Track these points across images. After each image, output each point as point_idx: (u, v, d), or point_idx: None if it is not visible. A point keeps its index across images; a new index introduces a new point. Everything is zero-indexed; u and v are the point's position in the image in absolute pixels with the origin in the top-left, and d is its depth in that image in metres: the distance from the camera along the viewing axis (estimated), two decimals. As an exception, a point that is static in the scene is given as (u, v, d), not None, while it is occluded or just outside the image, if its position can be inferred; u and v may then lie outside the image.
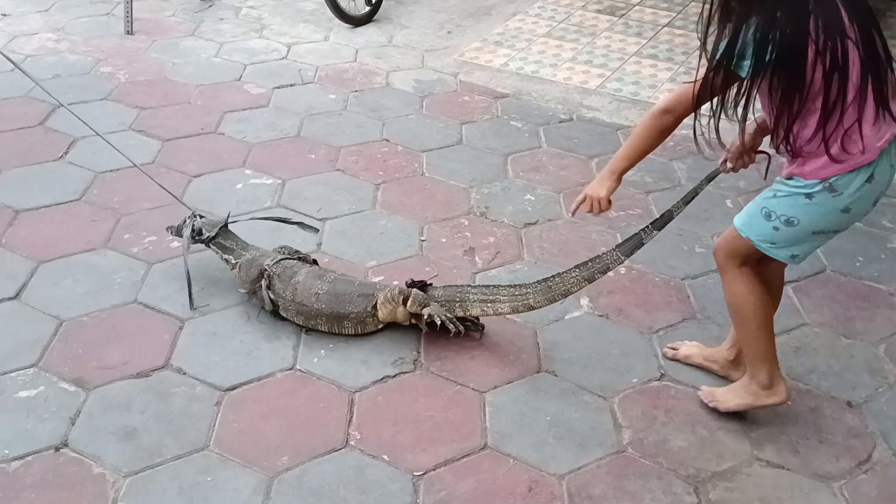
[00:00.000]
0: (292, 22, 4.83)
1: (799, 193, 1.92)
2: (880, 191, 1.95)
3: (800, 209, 1.94)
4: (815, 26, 1.72)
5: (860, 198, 1.91)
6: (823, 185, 1.88)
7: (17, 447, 2.11)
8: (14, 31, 4.54)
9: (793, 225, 1.96)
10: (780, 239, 1.99)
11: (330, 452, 2.14)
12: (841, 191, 1.88)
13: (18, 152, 3.38)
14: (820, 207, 1.92)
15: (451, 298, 2.47)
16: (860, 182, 1.88)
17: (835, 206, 1.92)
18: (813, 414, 2.32)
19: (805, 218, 1.94)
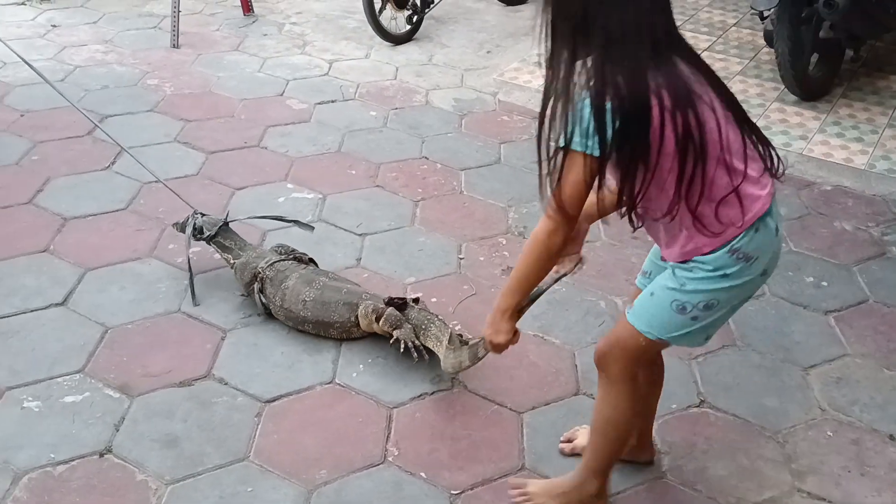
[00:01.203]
0: (334, 39, 4.90)
1: (713, 276, 1.68)
2: (781, 242, 1.77)
3: (719, 291, 1.70)
4: (656, 92, 1.50)
5: (773, 255, 1.74)
6: (736, 257, 1.65)
7: (63, 451, 2.15)
8: (64, 42, 4.65)
9: (713, 308, 1.72)
10: (698, 327, 1.75)
11: (368, 468, 2.16)
12: (755, 256, 1.67)
13: (67, 161, 3.46)
14: (739, 281, 1.69)
15: (419, 323, 2.47)
16: (769, 238, 1.68)
17: (754, 274, 1.71)
18: (855, 446, 2.29)
19: (725, 297, 1.71)
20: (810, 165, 3.67)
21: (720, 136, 1.57)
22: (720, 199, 1.61)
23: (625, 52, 1.50)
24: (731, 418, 2.35)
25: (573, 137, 1.53)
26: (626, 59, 1.50)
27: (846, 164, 3.67)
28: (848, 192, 3.49)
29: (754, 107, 4.15)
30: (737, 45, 4.87)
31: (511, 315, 1.82)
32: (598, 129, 1.51)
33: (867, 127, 3.97)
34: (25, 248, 2.91)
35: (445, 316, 2.69)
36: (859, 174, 3.60)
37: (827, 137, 3.87)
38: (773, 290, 2.88)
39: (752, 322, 2.72)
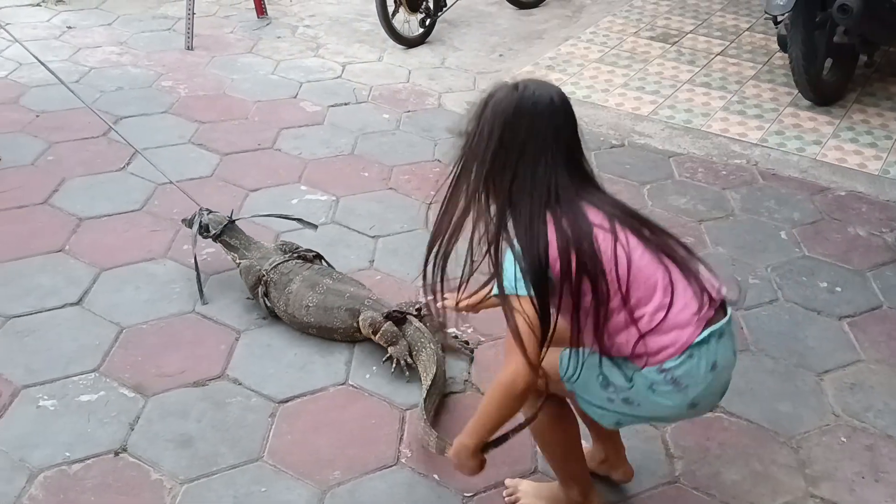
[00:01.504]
0: (347, 42, 4.92)
1: (643, 385, 1.66)
2: (728, 378, 1.74)
3: (642, 394, 1.66)
4: (558, 232, 1.56)
5: (707, 390, 1.66)
6: (665, 378, 1.62)
7: (78, 450, 2.17)
8: (79, 44, 4.69)
9: (631, 404, 1.68)
10: (611, 410, 1.72)
11: (381, 469, 2.16)
12: (685, 383, 1.63)
13: (82, 162, 3.49)
14: (666, 401, 1.65)
15: (414, 342, 2.48)
16: (705, 370, 1.63)
17: (681, 402, 1.66)
18: (869, 452, 2.28)
19: (646, 405, 1.67)
20: (824, 170, 3.66)
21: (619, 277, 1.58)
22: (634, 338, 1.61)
23: (532, 202, 1.58)
24: (745, 423, 2.34)
25: (503, 283, 1.58)
26: (532, 207, 1.58)
27: (860, 170, 3.65)
28: (862, 197, 3.48)
29: (767, 111, 4.14)
30: (750, 50, 4.86)
31: (474, 454, 1.74)
32: (520, 272, 1.56)
33: (881, 132, 3.95)
34: (41, 248, 2.93)
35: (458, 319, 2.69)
36: (873, 179, 3.59)
37: (840, 142, 3.86)
38: (786, 295, 2.87)
39: (766, 327, 2.71)
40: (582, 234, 1.57)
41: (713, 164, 3.71)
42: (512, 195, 1.60)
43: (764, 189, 3.53)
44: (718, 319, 1.65)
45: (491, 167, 1.61)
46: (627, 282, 1.59)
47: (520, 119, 1.59)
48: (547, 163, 1.59)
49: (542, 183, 1.58)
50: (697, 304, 1.63)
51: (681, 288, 1.62)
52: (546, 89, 1.63)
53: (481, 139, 1.62)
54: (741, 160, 3.75)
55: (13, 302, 2.67)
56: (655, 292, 1.61)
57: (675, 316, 1.61)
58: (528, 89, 1.61)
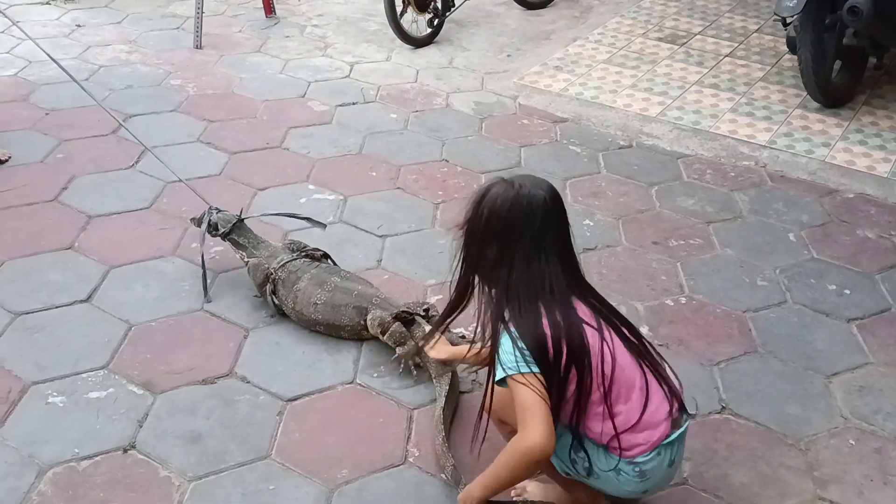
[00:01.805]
0: (355, 41, 4.92)
1: (608, 468, 1.78)
2: (675, 473, 1.90)
3: (606, 474, 1.79)
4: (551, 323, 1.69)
5: (662, 480, 1.84)
6: (634, 469, 1.76)
7: (87, 447, 2.18)
8: (88, 42, 4.70)
9: (591, 477, 1.82)
10: (573, 469, 1.84)
11: (389, 468, 2.16)
12: (649, 475, 1.78)
13: (93, 159, 3.50)
14: (625, 485, 1.80)
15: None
16: (666, 467, 1.79)
17: (639, 489, 1.81)
18: (878, 455, 2.27)
19: (606, 482, 1.81)
20: (833, 173, 3.65)
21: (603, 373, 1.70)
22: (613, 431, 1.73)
23: (527, 293, 1.70)
24: (753, 425, 2.34)
25: (506, 365, 1.69)
26: (528, 298, 1.69)
27: (869, 172, 3.64)
28: (870, 199, 3.47)
29: (776, 113, 4.13)
30: (758, 52, 4.85)
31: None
32: (520, 353, 1.67)
33: (890, 135, 3.94)
34: (51, 245, 2.94)
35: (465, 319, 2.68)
36: (882, 182, 3.58)
37: (849, 145, 3.85)
38: (795, 297, 2.86)
39: (774, 329, 2.71)
40: (573, 327, 1.69)
41: (721, 165, 3.71)
42: (509, 286, 1.71)
43: (772, 191, 3.52)
44: (682, 423, 1.81)
45: (487, 260, 1.73)
46: (611, 379, 1.71)
47: (514, 217, 1.69)
48: (540, 258, 1.70)
49: (536, 276, 1.70)
50: (668, 407, 1.77)
51: (654, 389, 1.76)
52: (539, 189, 1.72)
53: (477, 233, 1.74)
54: (750, 162, 3.74)
55: (23, 298, 2.68)
56: (633, 391, 1.73)
57: (650, 415, 1.74)
58: (524, 188, 1.71)
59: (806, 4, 3.69)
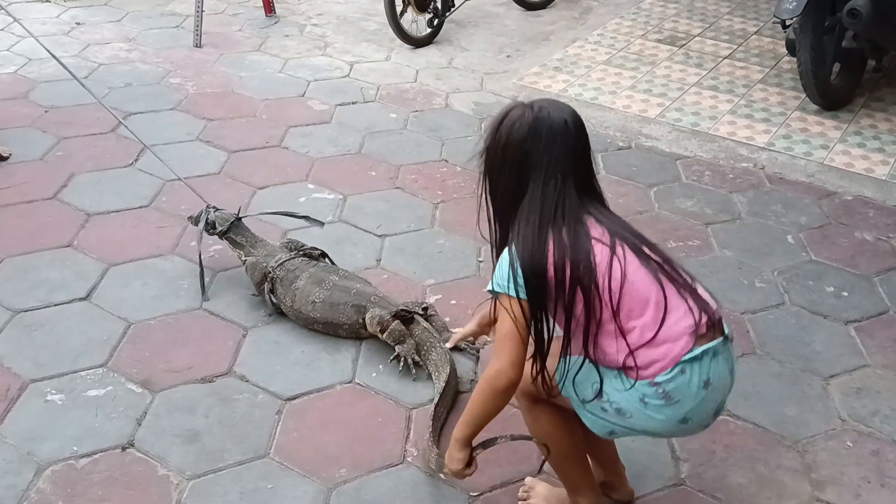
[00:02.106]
0: (355, 41, 4.92)
1: (634, 397, 1.67)
2: (722, 398, 1.73)
3: (634, 406, 1.68)
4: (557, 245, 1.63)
5: (698, 408, 1.67)
6: (657, 391, 1.64)
7: (86, 444, 2.18)
8: (88, 40, 4.70)
9: (624, 416, 1.70)
10: (602, 419, 1.74)
11: (388, 467, 2.17)
12: (676, 397, 1.65)
13: (91, 157, 3.50)
14: (655, 415, 1.67)
15: (422, 342, 2.49)
16: (696, 387, 1.65)
17: (672, 416, 1.67)
18: (875, 457, 2.28)
19: (638, 418, 1.69)
20: (831, 175, 3.65)
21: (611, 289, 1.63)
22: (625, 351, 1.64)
23: (539, 216, 1.64)
24: (751, 426, 2.35)
25: (497, 281, 1.67)
26: (538, 220, 1.64)
27: (867, 175, 3.65)
28: (869, 202, 3.48)
29: (775, 115, 4.14)
30: (757, 54, 4.86)
31: (462, 446, 1.82)
32: (513, 274, 1.63)
33: (889, 137, 3.95)
34: (50, 243, 2.94)
35: (465, 319, 2.70)
36: (881, 185, 3.59)
37: (848, 147, 3.86)
38: (793, 299, 2.87)
39: (772, 331, 2.71)
40: (579, 247, 1.64)
41: (720, 167, 3.71)
42: (521, 207, 1.67)
43: (771, 193, 3.53)
44: (714, 339, 1.67)
45: (504, 182, 1.69)
46: (620, 294, 1.63)
47: (533, 139, 1.65)
48: (557, 181, 1.65)
49: (551, 200, 1.65)
50: (692, 321, 1.65)
51: (674, 303, 1.66)
52: (560, 111, 1.68)
53: (496, 156, 1.69)
54: (748, 164, 3.75)
55: (22, 296, 2.68)
56: (648, 307, 1.64)
57: (668, 329, 1.64)
58: (543, 110, 1.67)
59: (805, 7, 3.69)
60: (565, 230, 1.64)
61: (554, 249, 1.63)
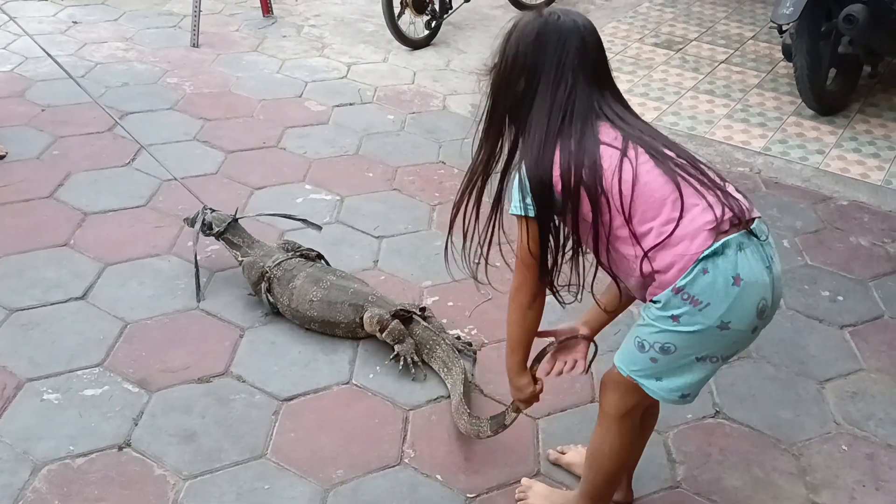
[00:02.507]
0: (352, 42, 4.93)
1: (664, 316, 1.60)
2: (761, 296, 1.58)
3: (671, 334, 1.61)
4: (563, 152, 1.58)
5: (734, 308, 1.56)
6: (681, 298, 1.56)
7: (82, 444, 2.17)
8: (84, 39, 4.69)
9: (670, 353, 1.63)
10: (661, 371, 1.66)
11: (384, 468, 2.17)
12: (704, 301, 1.55)
13: (88, 156, 3.49)
14: (691, 327, 1.58)
15: (424, 341, 2.49)
16: (724, 284, 1.54)
17: (707, 324, 1.57)
18: (869, 461, 2.29)
19: (680, 343, 1.61)
20: (826, 180, 3.67)
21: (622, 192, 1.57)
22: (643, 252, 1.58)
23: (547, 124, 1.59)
24: (747, 429, 2.35)
25: (513, 203, 1.64)
26: (545, 129, 1.59)
27: (862, 180, 3.67)
28: (864, 207, 3.50)
29: (771, 120, 4.16)
30: (754, 59, 4.88)
31: (519, 371, 1.84)
32: (522, 193, 1.61)
33: (884, 143, 3.97)
34: (46, 242, 2.93)
35: (462, 320, 2.71)
36: (876, 190, 3.61)
37: (843, 152, 3.88)
38: (788, 303, 2.88)
39: (768, 334, 2.69)
40: (586, 151, 1.58)
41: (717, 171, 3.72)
42: (530, 118, 1.62)
43: (767, 197, 3.54)
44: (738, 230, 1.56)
45: (513, 92, 1.63)
46: (632, 197, 1.56)
47: (541, 42, 1.59)
48: (567, 85, 1.59)
49: (559, 106, 1.59)
50: (711, 216, 1.54)
51: (692, 201, 1.55)
52: (571, 15, 1.63)
53: (505, 66, 1.64)
54: (744, 168, 3.77)
55: (18, 295, 2.68)
56: (664, 206, 1.55)
57: (684, 227, 1.54)
58: (553, 15, 1.62)
59: (802, 12, 3.71)
60: (574, 137, 1.59)
61: (560, 157, 1.58)
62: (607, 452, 1.85)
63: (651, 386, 1.69)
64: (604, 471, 1.89)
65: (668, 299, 1.58)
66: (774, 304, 1.64)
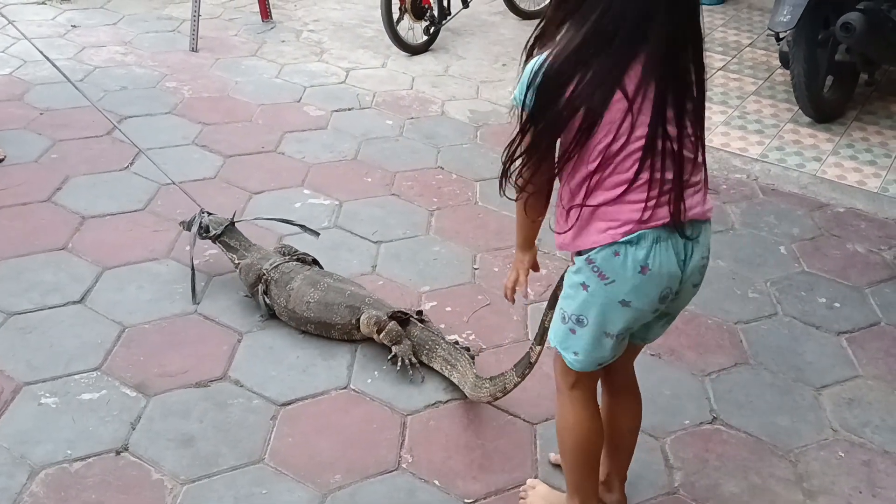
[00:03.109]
0: (351, 47, 4.94)
1: (577, 283, 1.69)
2: (665, 286, 1.66)
3: (582, 302, 1.69)
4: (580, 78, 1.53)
5: (636, 291, 1.64)
6: (591, 269, 1.65)
7: (80, 448, 2.17)
8: (83, 43, 4.69)
9: (583, 325, 1.71)
10: (579, 345, 1.73)
11: (382, 473, 2.17)
12: (611, 277, 1.63)
13: (87, 160, 3.49)
14: (597, 298, 1.67)
15: (423, 342, 2.50)
16: (632, 270, 1.62)
17: (610, 297, 1.65)
18: (866, 467, 2.30)
19: (590, 314, 1.69)
20: (823, 187, 3.68)
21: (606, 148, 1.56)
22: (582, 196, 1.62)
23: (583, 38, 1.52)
24: (744, 436, 2.36)
25: (517, 94, 1.61)
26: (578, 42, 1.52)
27: (859, 187, 3.69)
28: (860, 214, 3.51)
29: (768, 127, 4.17)
30: (751, 66, 4.90)
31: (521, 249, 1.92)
32: (525, 86, 1.57)
33: (880, 150, 3.99)
34: (44, 245, 2.93)
35: (460, 326, 2.71)
36: (872, 197, 3.62)
37: (840, 160, 3.89)
38: (785, 309, 2.89)
39: (765, 341, 2.73)
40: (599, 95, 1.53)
41: (714, 178, 3.73)
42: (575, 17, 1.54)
43: (764, 204, 3.55)
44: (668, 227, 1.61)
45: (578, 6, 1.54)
46: (615, 154, 1.56)
47: None
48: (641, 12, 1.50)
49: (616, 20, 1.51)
50: (642, 213, 1.59)
51: (638, 195, 1.59)
52: None
53: None
54: (741, 175, 3.78)
55: (15, 298, 2.67)
56: (625, 174, 1.58)
57: (619, 207, 1.59)
58: None
59: (799, 20, 3.73)
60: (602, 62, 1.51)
61: (576, 84, 1.52)
62: (562, 428, 1.89)
63: (572, 361, 1.77)
64: (567, 451, 1.91)
65: (581, 266, 1.68)
66: (683, 293, 1.73)
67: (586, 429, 1.87)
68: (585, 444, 1.89)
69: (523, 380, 2.18)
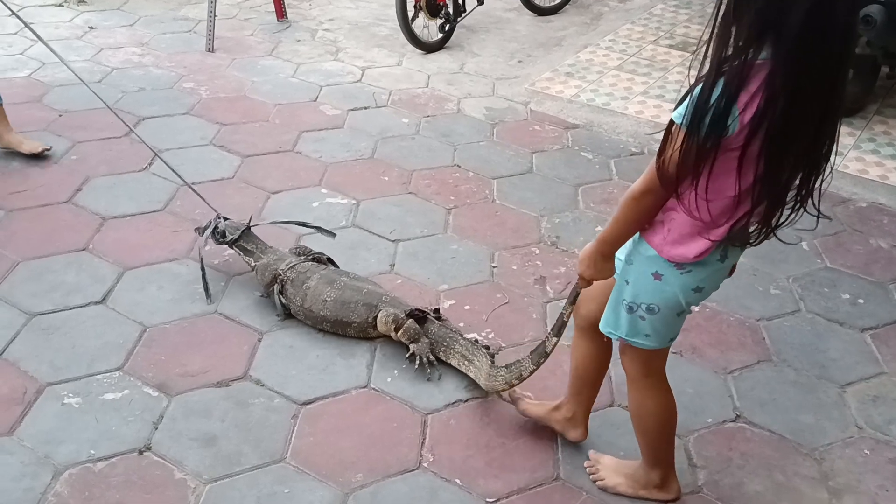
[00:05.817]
0: (366, 46, 4.93)
1: (646, 273, 1.75)
2: (723, 277, 1.82)
3: (653, 290, 1.76)
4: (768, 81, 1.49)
5: (710, 277, 1.76)
6: (665, 259, 1.72)
7: (103, 448, 2.18)
8: (101, 44, 4.72)
9: (654, 312, 1.80)
10: (650, 328, 1.83)
11: (403, 472, 2.17)
12: (688, 267, 1.72)
13: (106, 161, 3.51)
14: (671, 287, 1.75)
15: (440, 339, 2.51)
16: (713, 260, 1.72)
17: (686, 285, 1.75)
18: (892, 465, 2.27)
19: (662, 302, 1.78)
20: (845, 182, 3.64)
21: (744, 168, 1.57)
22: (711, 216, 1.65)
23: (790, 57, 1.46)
24: (768, 434, 2.34)
25: (677, 109, 1.58)
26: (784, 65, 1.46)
27: (881, 182, 3.64)
28: (883, 209, 3.47)
29: (787, 122, 4.13)
30: (769, 60, 4.85)
31: (609, 258, 1.82)
32: (698, 108, 1.50)
33: (902, 144, 3.94)
34: (65, 246, 2.95)
35: (479, 324, 2.70)
36: (895, 192, 3.58)
37: (862, 154, 3.85)
38: (808, 306, 2.86)
39: (788, 338, 2.70)
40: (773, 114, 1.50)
41: (733, 173, 3.70)
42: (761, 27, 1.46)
43: (784, 199, 3.51)
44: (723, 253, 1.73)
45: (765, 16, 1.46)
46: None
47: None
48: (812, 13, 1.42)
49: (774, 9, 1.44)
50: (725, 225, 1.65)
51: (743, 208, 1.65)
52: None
53: None
54: (761, 170, 3.74)
55: (38, 299, 2.69)
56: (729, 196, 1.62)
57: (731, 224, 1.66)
58: None
59: (819, 13, 3.68)
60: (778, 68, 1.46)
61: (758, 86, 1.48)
62: (641, 415, 2.00)
63: (640, 341, 1.85)
64: (648, 431, 2.02)
65: (650, 257, 1.73)
66: None
67: (666, 410, 1.99)
68: (668, 424, 2.01)
69: (538, 368, 2.19)
